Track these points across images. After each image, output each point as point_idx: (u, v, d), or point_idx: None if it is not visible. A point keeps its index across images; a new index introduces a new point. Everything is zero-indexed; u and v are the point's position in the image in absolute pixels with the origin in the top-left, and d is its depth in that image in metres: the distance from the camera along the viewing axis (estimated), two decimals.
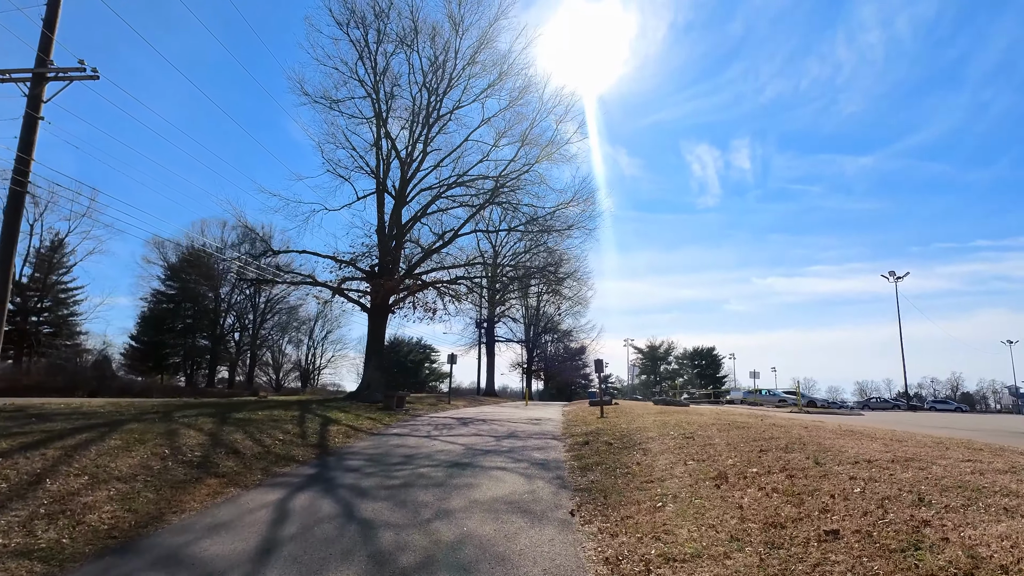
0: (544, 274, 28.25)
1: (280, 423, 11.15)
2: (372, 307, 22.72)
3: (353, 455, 9.32)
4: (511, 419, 16.92)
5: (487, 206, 22.23)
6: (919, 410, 48.85)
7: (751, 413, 17.30)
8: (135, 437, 7.96)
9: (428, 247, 22.75)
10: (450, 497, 6.59)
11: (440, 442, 10.96)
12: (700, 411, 17.55)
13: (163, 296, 59.91)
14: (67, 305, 54.51)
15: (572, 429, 13.40)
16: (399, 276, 22.66)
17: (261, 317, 63.22)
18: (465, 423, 14.89)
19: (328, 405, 16.26)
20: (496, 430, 13.29)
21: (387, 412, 16.16)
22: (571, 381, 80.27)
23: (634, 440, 10.34)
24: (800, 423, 11.70)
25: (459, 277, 22.36)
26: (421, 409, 19.54)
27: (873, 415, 29.93)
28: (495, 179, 22.01)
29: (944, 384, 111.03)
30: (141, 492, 6.16)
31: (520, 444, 10.91)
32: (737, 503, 5.72)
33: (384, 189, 22.71)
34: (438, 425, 14.12)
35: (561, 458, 9.36)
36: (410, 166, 22.40)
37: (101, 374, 45.54)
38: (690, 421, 12.64)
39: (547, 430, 13.56)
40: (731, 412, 17.54)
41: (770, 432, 9.72)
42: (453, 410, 21.21)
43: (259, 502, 6.28)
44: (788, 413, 27.42)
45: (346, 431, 11.49)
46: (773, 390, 47.38)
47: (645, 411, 18.55)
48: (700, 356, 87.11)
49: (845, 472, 6.28)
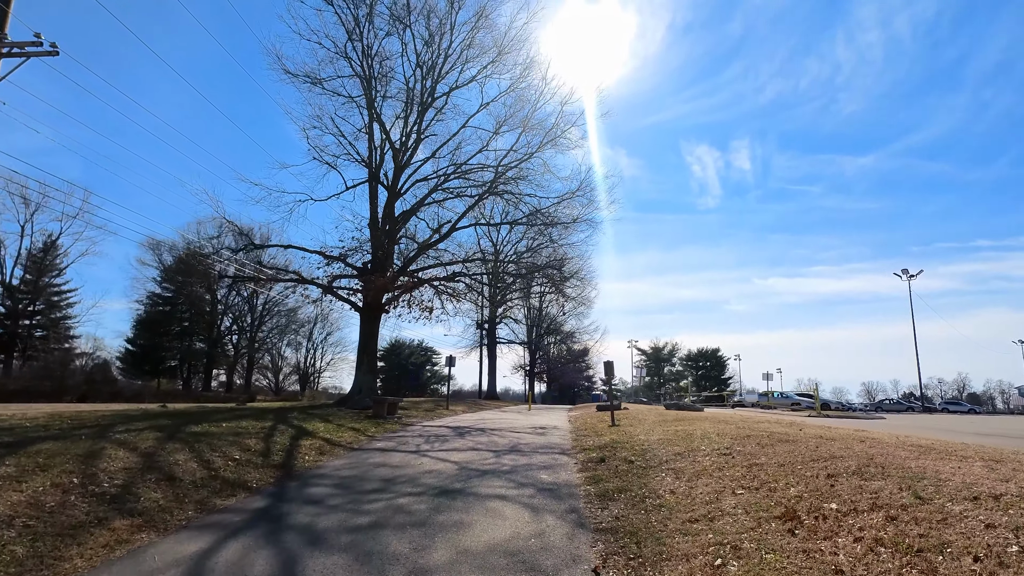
0: (547, 272, 26.56)
1: (243, 437, 9.46)
2: (364, 306, 21.04)
3: (321, 479, 7.62)
4: (513, 427, 15.22)
5: (487, 197, 20.55)
6: (934, 411, 46.97)
7: (777, 419, 15.56)
8: (39, 461, 6.27)
9: (424, 242, 21.04)
10: (432, 545, 4.90)
11: (430, 459, 9.26)
12: (722, 418, 15.82)
13: (159, 299, 58.34)
14: (60, 308, 53.00)
15: (583, 441, 11.69)
16: (393, 273, 20.99)
17: (259, 319, 61.60)
18: (462, 434, 13.17)
19: (311, 413, 14.57)
20: (496, 443, 11.57)
21: (376, 421, 14.47)
22: (574, 383, 78.45)
23: (659, 456, 8.64)
24: (851, 435, 9.97)
25: (457, 274, 20.67)
26: (415, 416, 17.84)
27: (895, 419, 28.14)
28: (494, 168, 20.32)
29: (951, 384, 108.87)
30: (7, 546, 4.47)
31: (524, 461, 9.20)
32: (831, 563, 4.01)
33: (376, 180, 21.04)
34: (431, 436, 12.40)
35: (574, 481, 7.65)
36: (404, 154, 20.71)
37: (91, 378, 43.96)
38: (718, 432, 10.92)
39: (554, 442, 11.85)
40: (756, 419, 15.80)
41: (825, 448, 8.00)
42: (451, 416, 19.49)
43: (171, 557, 4.59)
44: (807, 418, 25.67)
45: (320, 446, 9.78)
46: (785, 392, 45.50)
47: (659, 418, 16.82)
48: (704, 357, 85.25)
49: (969, 513, 4.56)
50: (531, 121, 20.17)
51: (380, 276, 19.13)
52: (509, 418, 19.59)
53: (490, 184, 20.04)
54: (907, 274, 47.55)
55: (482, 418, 19.00)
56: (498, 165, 20.03)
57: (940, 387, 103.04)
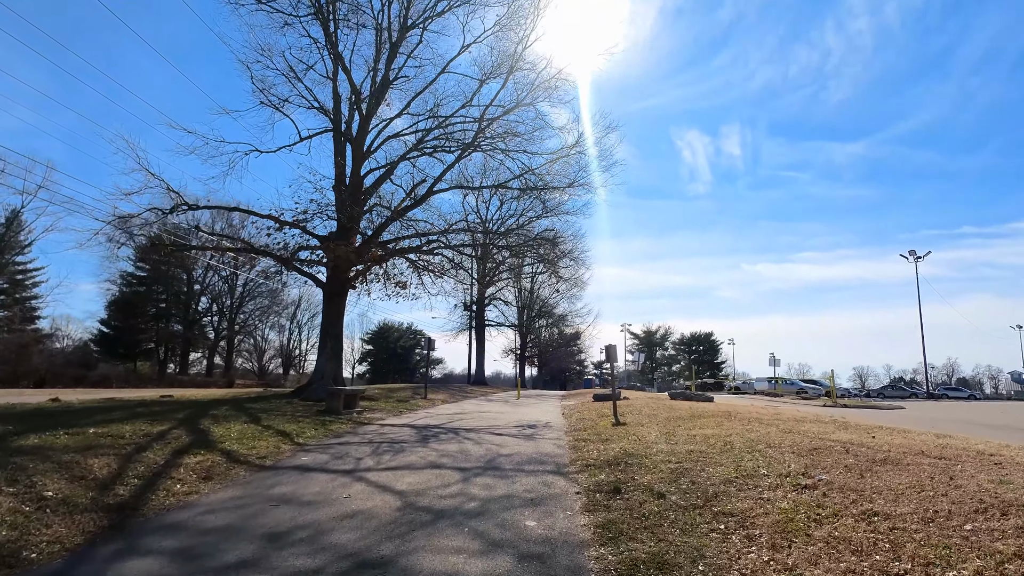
0: (539, 247, 23.51)
1: (96, 453, 6.43)
2: (328, 281, 17.94)
3: (168, 533, 4.63)
4: (495, 425, 12.25)
5: (469, 153, 17.37)
6: (940, 398, 44.77)
7: (817, 416, 12.71)
8: None
9: (397, 207, 17.85)
10: None
11: (364, 487, 6.27)
12: (747, 413, 12.93)
13: (133, 278, 54.78)
14: (25, 287, 49.44)
15: (584, 449, 8.74)
16: (363, 243, 17.86)
17: (239, 301, 58.20)
18: (427, 438, 10.14)
19: (244, 408, 11.55)
20: (468, 453, 8.58)
21: (323, 418, 11.46)
22: (566, 368, 75.81)
23: (700, 486, 5.70)
24: (967, 449, 7.06)
25: (433, 242, 17.57)
26: (381, 409, 14.86)
27: (914, 408, 25.55)
28: (478, 120, 17.09)
29: (940, 370, 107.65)
30: None
31: (502, 490, 6.23)
32: None
33: (342, 135, 17.79)
34: (384, 443, 9.37)
35: (578, 535, 4.69)
36: (372, 102, 17.40)
37: (68, 362, 40.55)
38: (766, 439, 8.01)
39: (545, 451, 8.88)
40: (788, 415, 12.95)
41: (959, 476, 5.12)
42: (425, 409, 16.48)
43: None
44: (823, 408, 22.99)
45: (211, 467, 6.74)
46: (789, 379, 42.87)
47: (669, 411, 13.95)
48: (698, 342, 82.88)
49: None
50: (520, 62, 16.88)
51: (343, 244, 16.00)
52: (493, 411, 16.66)
53: (473, 137, 16.84)
54: (914, 255, 44.92)
55: (461, 411, 16.04)
56: (482, 117, 16.80)
57: (931, 372, 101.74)
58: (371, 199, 18.84)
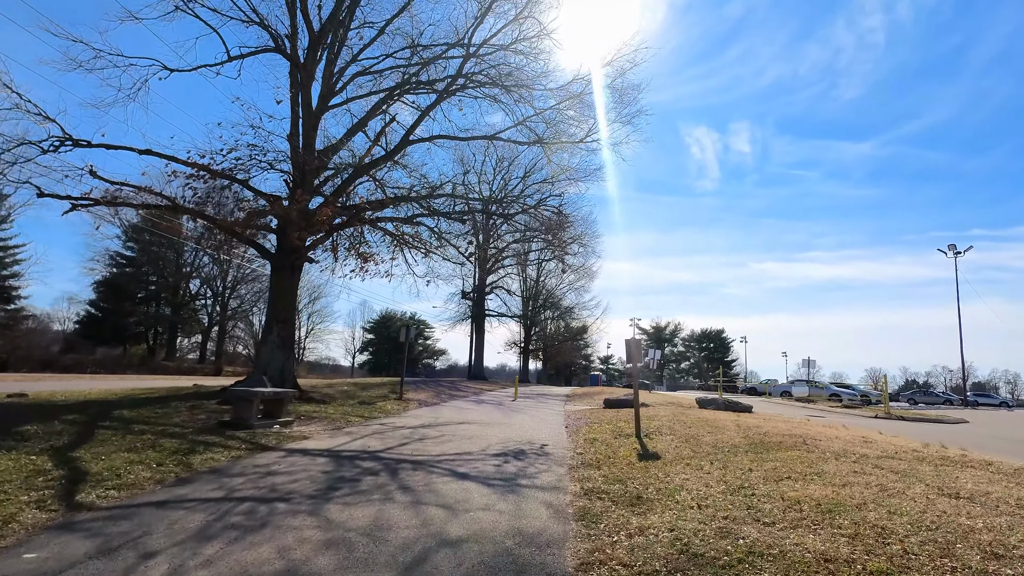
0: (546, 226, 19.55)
1: None
2: (277, 251, 14.10)
3: None
4: (466, 453, 8.30)
5: (455, 90, 13.39)
6: (976, 406, 40.44)
7: (915, 449, 8.69)
8: None
9: (361, 160, 13.93)
10: None
11: None
12: (832, 435, 8.88)
13: (121, 258, 51.46)
14: (4, 265, 46.17)
15: (603, 527, 4.69)
16: (321, 205, 13.97)
17: (232, 284, 54.67)
18: (336, 487, 5.91)
19: (117, 416, 7.73)
20: (381, 540, 4.62)
21: (217, 438, 7.64)
22: (571, 362, 71.88)
23: None
24: None
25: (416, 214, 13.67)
26: (327, 417, 11.00)
27: (981, 422, 21.36)
28: (464, 51, 13.07)
29: (955, 373, 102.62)
30: None
31: None
32: None
33: (299, 67, 13.86)
34: (252, 499, 5.27)
35: None
36: (335, 18, 13.40)
37: (14, 346, 37.21)
38: (947, 522, 4.09)
39: (530, 531, 4.86)
40: (884, 440, 8.91)
41: None
42: (391, 417, 12.55)
43: None
44: (876, 419, 18.93)
45: None
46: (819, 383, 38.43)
47: (713, 431, 9.98)
48: (708, 338, 78.60)
49: None
50: None
51: (285, 205, 12.13)
52: (477, 420, 12.73)
53: (459, 67, 12.85)
54: (953, 250, 40.42)
55: (434, 421, 12.12)
56: (468, 41, 12.74)
57: (947, 376, 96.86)
58: (336, 156, 14.94)
